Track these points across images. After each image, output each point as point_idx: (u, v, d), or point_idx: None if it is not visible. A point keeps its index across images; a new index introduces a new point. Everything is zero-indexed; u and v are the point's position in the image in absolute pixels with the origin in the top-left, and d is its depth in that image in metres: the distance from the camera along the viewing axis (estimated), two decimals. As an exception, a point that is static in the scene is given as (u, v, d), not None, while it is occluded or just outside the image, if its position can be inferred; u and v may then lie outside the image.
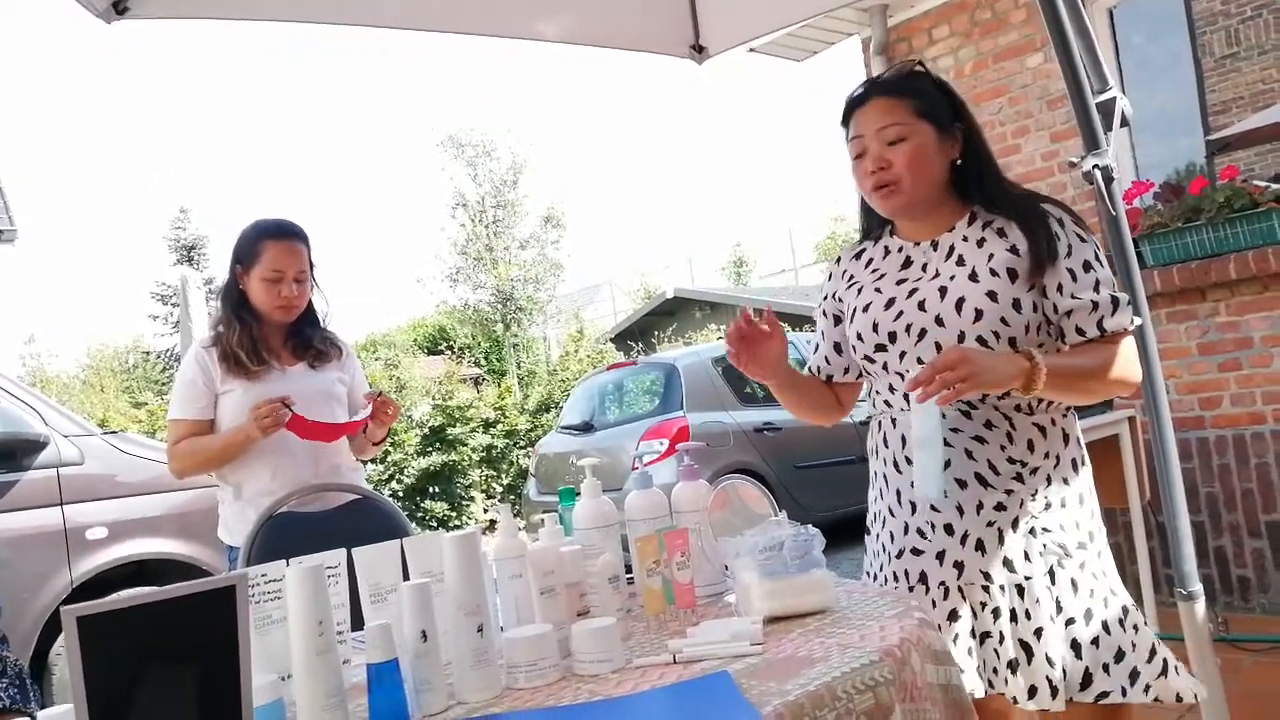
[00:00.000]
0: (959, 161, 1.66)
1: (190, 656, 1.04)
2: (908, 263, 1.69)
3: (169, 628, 1.03)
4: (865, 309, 1.68)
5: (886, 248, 1.75)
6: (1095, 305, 1.57)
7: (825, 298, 1.83)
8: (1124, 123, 2.31)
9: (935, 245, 1.67)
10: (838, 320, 1.80)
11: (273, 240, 2.47)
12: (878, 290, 1.68)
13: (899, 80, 1.69)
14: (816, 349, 1.87)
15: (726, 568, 1.57)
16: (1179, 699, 1.56)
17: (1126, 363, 1.59)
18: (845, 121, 1.70)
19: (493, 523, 1.46)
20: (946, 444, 1.54)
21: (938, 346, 1.58)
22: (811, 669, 1.14)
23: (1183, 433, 3.71)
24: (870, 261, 1.76)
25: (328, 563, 1.34)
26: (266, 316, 2.49)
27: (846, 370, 1.81)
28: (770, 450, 6.81)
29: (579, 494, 1.61)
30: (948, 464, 1.57)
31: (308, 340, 2.56)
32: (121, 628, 1.00)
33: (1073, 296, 1.57)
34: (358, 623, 1.45)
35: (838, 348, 1.81)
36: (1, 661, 1.66)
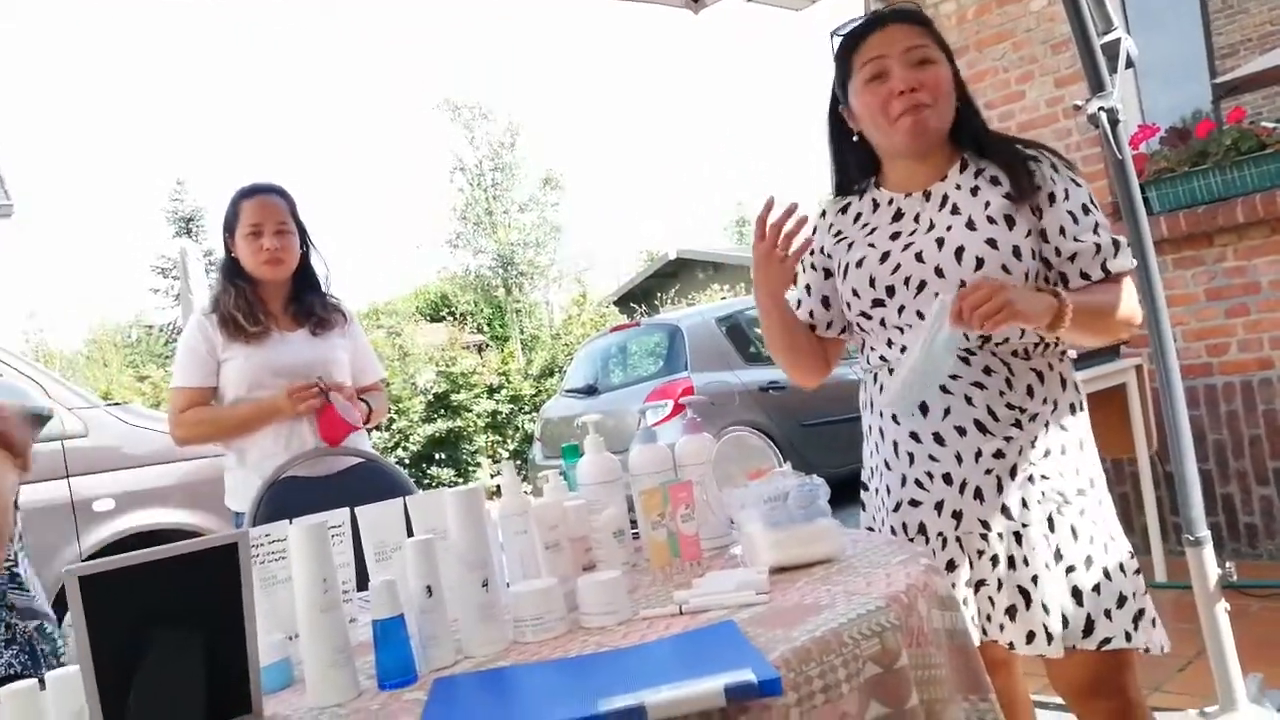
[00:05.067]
0: (957, 105, 1.62)
1: (195, 615, 1.04)
2: (899, 215, 1.64)
3: (173, 587, 1.03)
4: (859, 264, 1.63)
5: (875, 201, 1.69)
6: (1098, 248, 1.56)
7: (813, 251, 1.78)
8: (1129, 64, 2.27)
9: (928, 195, 1.62)
10: (827, 274, 1.75)
11: (247, 199, 2.51)
12: (870, 245, 1.64)
13: (914, 10, 1.64)
14: (799, 304, 1.80)
15: (731, 519, 1.56)
16: (1145, 650, 1.56)
17: (1132, 302, 1.59)
18: (852, 48, 1.62)
19: (500, 487, 1.46)
20: (945, 390, 1.54)
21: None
22: (818, 616, 1.14)
23: (1190, 380, 3.69)
24: (859, 216, 1.71)
25: (330, 521, 1.33)
26: (257, 275, 2.49)
27: (830, 325, 1.76)
28: (776, 408, 6.81)
29: (582, 451, 1.60)
30: (925, 409, 1.57)
31: (309, 307, 2.55)
32: (125, 587, 1.00)
33: (1075, 239, 1.55)
34: (363, 584, 1.45)
35: (826, 302, 1.76)
36: (11, 630, 1.67)
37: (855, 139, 1.68)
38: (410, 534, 1.42)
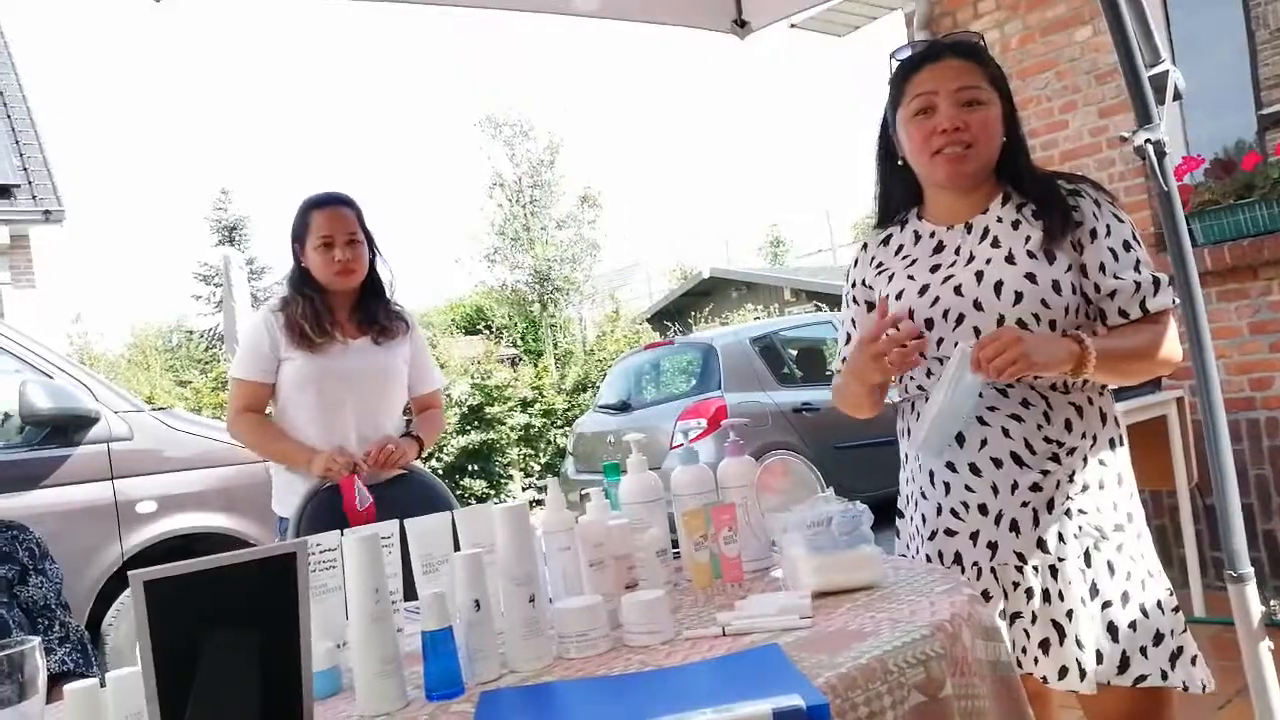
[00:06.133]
0: (1004, 139, 1.63)
1: (252, 622, 1.06)
2: (940, 247, 1.65)
3: (232, 593, 1.05)
4: (898, 296, 1.64)
5: (916, 232, 1.71)
6: (1138, 286, 1.55)
7: (854, 285, 1.79)
8: (1177, 96, 2.26)
9: (969, 228, 1.63)
10: (870, 307, 1.75)
11: (318, 209, 2.50)
12: (910, 277, 1.65)
13: (972, 46, 1.64)
14: (849, 338, 1.81)
15: (774, 542, 1.57)
16: (1185, 688, 1.54)
17: (1170, 343, 1.57)
18: (905, 77, 1.63)
19: (533, 501, 1.48)
20: (981, 421, 1.55)
21: (976, 331, 1.56)
22: (862, 642, 1.14)
23: (1233, 414, 3.64)
24: (900, 248, 1.72)
25: (381, 533, 1.36)
26: (329, 286, 2.50)
27: None
28: (809, 430, 6.79)
29: (624, 470, 1.62)
30: (961, 439, 1.57)
31: (373, 315, 2.56)
32: (187, 592, 1.02)
33: (1115, 277, 1.55)
34: (409, 594, 1.48)
35: None
36: (64, 627, 1.71)
37: (901, 163, 1.69)
38: (457, 547, 1.44)
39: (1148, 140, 2.17)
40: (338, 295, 2.53)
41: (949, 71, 1.59)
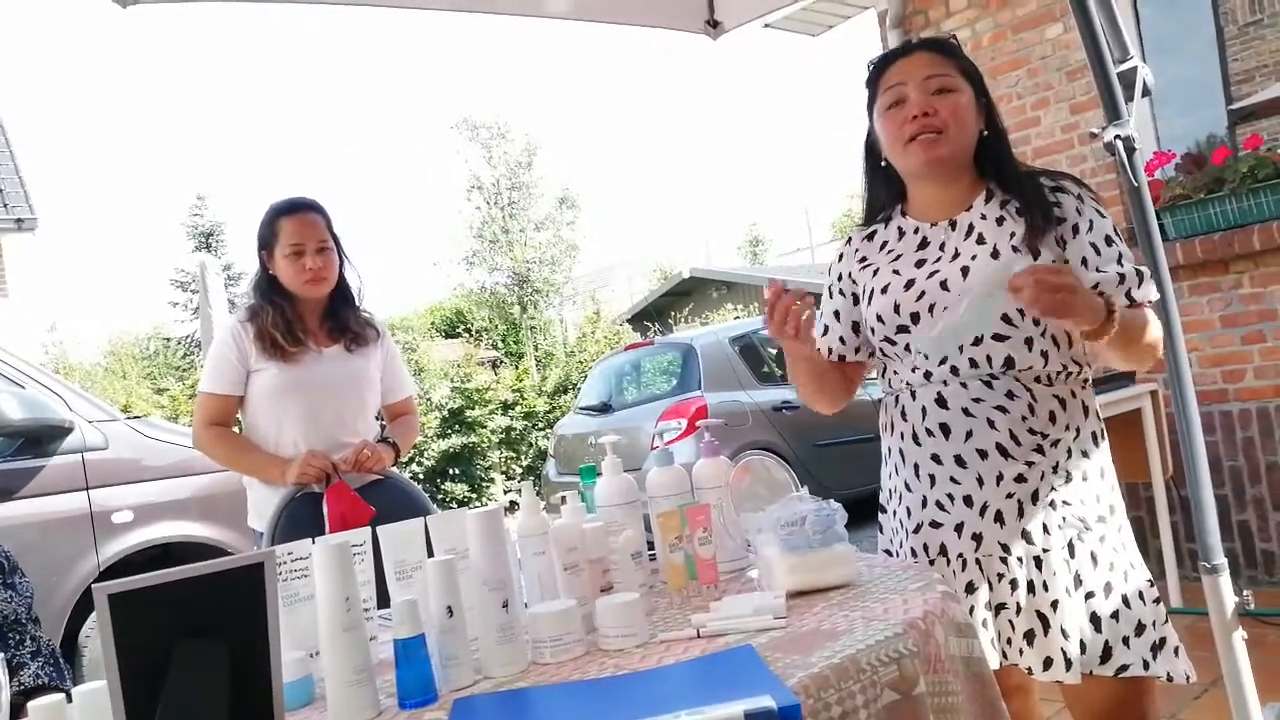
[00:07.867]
0: (984, 133, 1.64)
1: (220, 633, 1.05)
2: (924, 243, 1.66)
3: (199, 604, 1.04)
4: (884, 290, 1.65)
5: (900, 229, 1.71)
6: (1122, 278, 1.57)
7: (839, 277, 1.79)
8: (1145, 92, 2.28)
9: (954, 225, 1.64)
10: (856, 300, 1.76)
11: (287, 216, 2.44)
12: (895, 272, 1.65)
13: (943, 41, 1.69)
14: (826, 330, 1.80)
15: (749, 543, 1.57)
16: (1169, 679, 1.55)
17: (1158, 329, 1.61)
18: (877, 75, 1.67)
19: (513, 504, 1.47)
20: (967, 413, 1.56)
21: None
22: (835, 642, 1.15)
23: (1206, 406, 3.68)
24: (885, 244, 1.72)
25: (353, 540, 1.35)
26: (299, 294, 2.45)
27: (859, 350, 1.77)
28: (789, 428, 6.81)
29: (600, 472, 1.62)
30: (947, 431, 1.59)
31: (344, 322, 2.52)
32: (152, 605, 1.01)
33: (1099, 270, 1.57)
34: (383, 601, 1.47)
35: (855, 327, 1.77)
36: (35, 641, 1.69)
37: (884, 164, 1.70)
38: (430, 553, 1.43)
39: (1117, 136, 2.19)
40: (307, 303, 2.48)
41: (918, 63, 1.62)
